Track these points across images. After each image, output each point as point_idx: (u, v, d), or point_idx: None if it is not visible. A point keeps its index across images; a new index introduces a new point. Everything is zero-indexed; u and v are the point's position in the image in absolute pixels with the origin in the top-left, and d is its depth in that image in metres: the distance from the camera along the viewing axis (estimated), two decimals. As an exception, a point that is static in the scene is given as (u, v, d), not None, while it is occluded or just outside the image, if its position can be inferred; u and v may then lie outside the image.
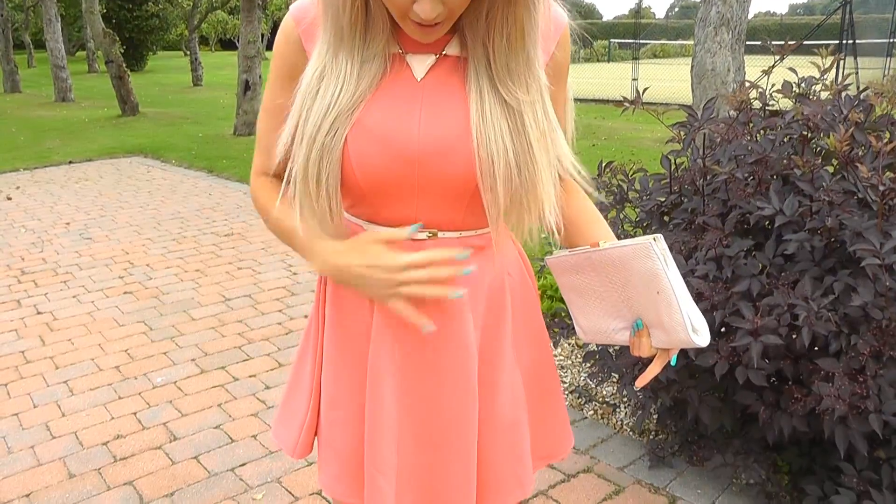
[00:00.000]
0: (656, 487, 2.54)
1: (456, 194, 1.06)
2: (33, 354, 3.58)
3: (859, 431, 1.96)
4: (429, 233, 1.10)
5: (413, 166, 1.04)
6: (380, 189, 1.06)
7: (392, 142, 1.03)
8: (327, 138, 1.02)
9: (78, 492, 2.55)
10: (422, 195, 1.06)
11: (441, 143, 1.03)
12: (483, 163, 1.02)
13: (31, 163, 8.56)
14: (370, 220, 1.12)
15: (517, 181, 1.03)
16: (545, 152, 1.04)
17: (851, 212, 1.94)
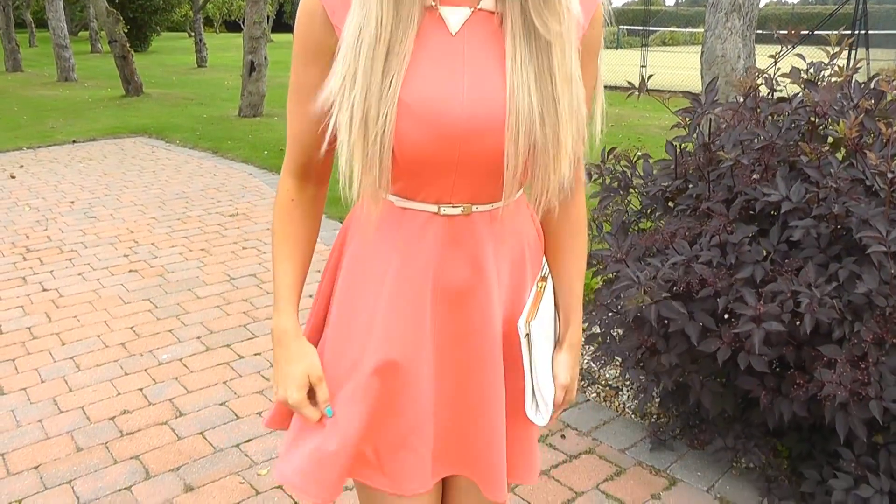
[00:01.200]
0: (657, 469, 2.57)
1: (495, 168, 1.05)
2: (40, 331, 3.61)
3: (859, 417, 1.98)
4: (463, 208, 1.10)
5: (456, 144, 1.03)
6: (419, 167, 1.05)
7: (436, 122, 1.01)
8: (383, 88, 1.00)
9: (85, 465, 2.58)
10: (460, 171, 1.06)
11: (485, 122, 1.02)
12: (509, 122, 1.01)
13: (34, 142, 8.56)
14: (404, 196, 1.11)
15: (539, 133, 1.02)
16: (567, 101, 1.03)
17: (859, 199, 1.95)
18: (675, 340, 2.20)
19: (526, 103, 1.01)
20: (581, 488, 2.47)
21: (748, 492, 2.44)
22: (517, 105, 1.01)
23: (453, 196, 1.09)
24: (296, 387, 1.17)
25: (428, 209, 1.11)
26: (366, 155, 1.02)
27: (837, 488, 2.09)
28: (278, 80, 12.39)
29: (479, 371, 1.19)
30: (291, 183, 1.22)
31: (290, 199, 1.22)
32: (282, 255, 1.22)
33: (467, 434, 1.23)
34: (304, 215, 1.23)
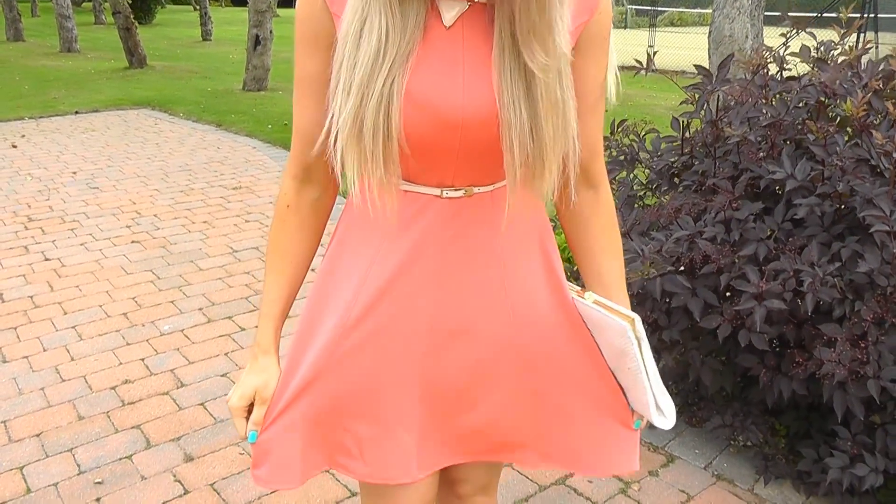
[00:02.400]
0: (655, 446, 2.58)
1: (496, 153, 1.05)
2: (41, 300, 3.62)
3: (857, 396, 1.99)
4: (464, 190, 1.11)
5: (457, 132, 1.03)
6: (422, 154, 1.05)
7: (438, 111, 1.02)
8: (385, 87, 0.99)
9: (87, 433, 2.60)
10: (461, 157, 1.06)
11: (484, 110, 1.02)
12: (503, 124, 1.02)
13: (36, 112, 8.53)
14: (407, 179, 1.10)
15: (530, 146, 1.03)
16: (552, 125, 1.03)
17: (864, 178, 1.94)
18: (676, 316, 2.21)
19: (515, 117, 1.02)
20: (579, 464, 2.49)
21: (745, 469, 2.46)
22: (508, 118, 1.01)
23: (455, 180, 1.09)
24: (239, 394, 1.19)
25: (430, 192, 1.10)
26: (370, 152, 1.02)
27: (833, 466, 2.10)
28: (283, 55, 12.32)
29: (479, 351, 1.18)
30: (290, 186, 1.18)
31: (286, 205, 1.18)
32: (272, 267, 1.20)
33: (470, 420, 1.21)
34: (301, 226, 1.19)
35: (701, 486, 2.39)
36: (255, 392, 1.19)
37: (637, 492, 2.36)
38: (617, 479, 2.41)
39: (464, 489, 1.43)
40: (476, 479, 1.41)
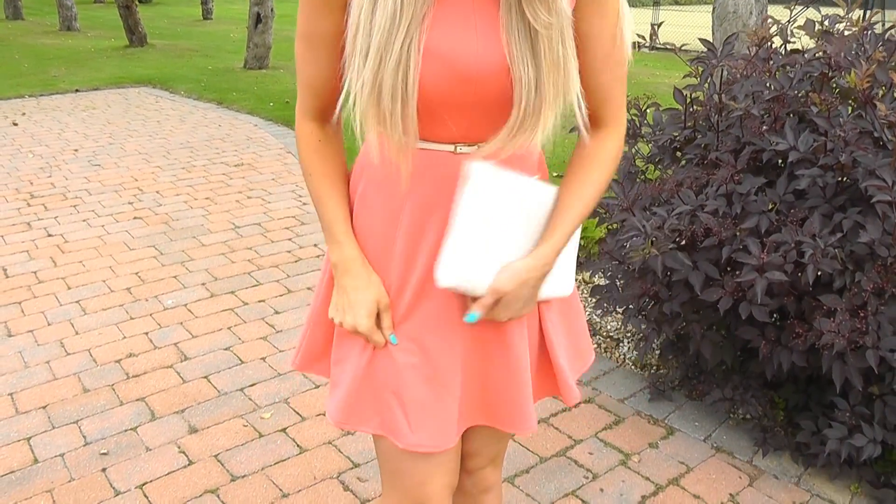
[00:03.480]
0: (655, 419, 2.61)
1: (503, 107, 1.09)
2: (45, 275, 3.64)
3: (856, 367, 2.00)
4: (477, 146, 1.13)
5: (472, 85, 1.06)
6: (436, 108, 1.08)
7: (455, 63, 1.05)
8: (402, 50, 1.02)
9: (92, 405, 2.62)
10: (476, 111, 1.09)
11: (496, 65, 1.05)
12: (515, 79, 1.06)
13: (36, 90, 8.50)
14: (422, 138, 1.12)
15: (533, 100, 1.06)
16: (552, 82, 1.06)
17: (866, 149, 1.94)
18: (677, 289, 2.22)
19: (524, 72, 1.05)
20: (580, 436, 2.51)
21: (744, 442, 2.48)
22: (519, 74, 1.05)
23: (468, 136, 1.12)
24: (366, 313, 1.19)
25: (444, 149, 1.13)
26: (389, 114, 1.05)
27: (832, 437, 2.12)
28: (284, 34, 12.25)
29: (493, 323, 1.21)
30: (313, 126, 1.22)
31: (318, 139, 1.22)
32: (326, 193, 1.23)
33: (488, 381, 1.25)
34: (335, 152, 1.25)
35: (700, 458, 2.41)
36: (377, 304, 1.20)
37: (637, 463, 2.38)
38: (617, 451, 2.43)
39: (474, 462, 1.46)
40: (486, 451, 1.44)
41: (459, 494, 1.50)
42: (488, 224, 1.13)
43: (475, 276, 1.14)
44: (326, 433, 2.49)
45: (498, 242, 1.15)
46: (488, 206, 1.13)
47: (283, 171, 5.39)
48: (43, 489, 2.21)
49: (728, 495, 2.25)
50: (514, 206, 1.15)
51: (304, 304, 3.38)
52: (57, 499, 2.17)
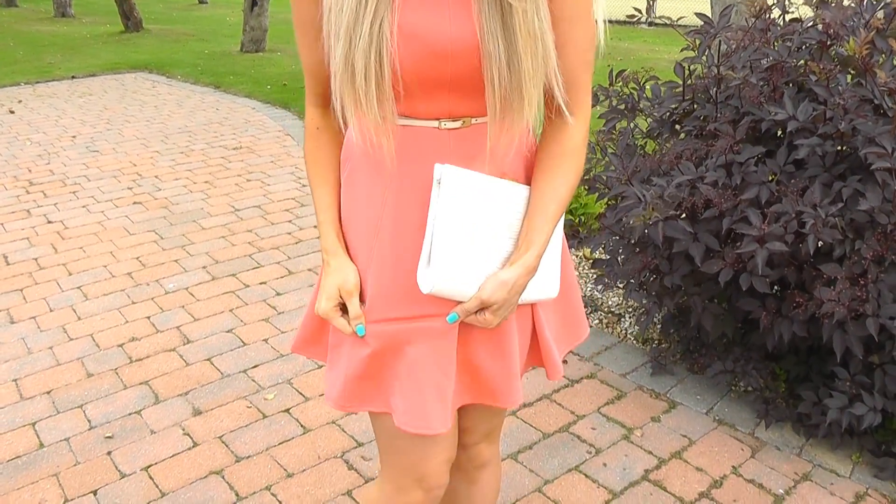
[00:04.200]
0: (657, 393, 2.62)
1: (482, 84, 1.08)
2: (46, 261, 3.64)
3: (856, 336, 2.01)
4: (462, 121, 1.13)
5: (447, 62, 1.06)
6: (413, 86, 1.08)
7: (428, 41, 1.04)
8: (373, 29, 1.02)
9: (96, 390, 2.63)
10: (454, 88, 1.09)
11: (469, 41, 1.05)
12: (484, 56, 1.05)
13: (32, 77, 8.46)
14: (403, 114, 1.12)
15: (507, 77, 1.05)
16: (530, 56, 1.05)
17: (866, 117, 1.93)
18: (678, 262, 2.22)
19: (494, 48, 1.04)
20: (582, 412, 2.52)
21: (746, 414, 2.49)
22: (488, 50, 1.04)
23: (452, 111, 1.12)
24: (325, 296, 1.20)
25: (428, 125, 1.13)
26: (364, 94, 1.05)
27: (832, 407, 2.13)
28: (281, 16, 12.18)
29: None
30: (314, 112, 1.26)
31: (316, 126, 1.25)
32: (317, 180, 1.26)
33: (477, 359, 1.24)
34: (332, 140, 1.26)
35: (702, 431, 2.42)
36: (338, 290, 1.20)
37: (640, 437, 2.39)
38: (620, 426, 2.44)
39: (468, 438, 1.45)
40: (480, 427, 1.44)
41: (456, 470, 1.50)
42: (464, 228, 1.13)
43: (456, 281, 1.14)
44: (330, 413, 2.50)
45: (475, 245, 1.15)
46: (463, 210, 1.12)
47: (282, 154, 5.38)
48: (49, 473, 2.22)
49: (730, 467, 2.26)
50: (488, 207, 1.15)
51: (306, 285, 3.39)
52: (63, 482, 2.19)
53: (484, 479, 1.52)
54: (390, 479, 1.35)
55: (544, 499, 2.13)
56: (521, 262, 1.15)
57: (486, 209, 1.15)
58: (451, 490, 1.53)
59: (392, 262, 1.19)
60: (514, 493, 2.15)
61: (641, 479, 2.22)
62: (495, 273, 1.15)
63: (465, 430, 1.43)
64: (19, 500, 2.12)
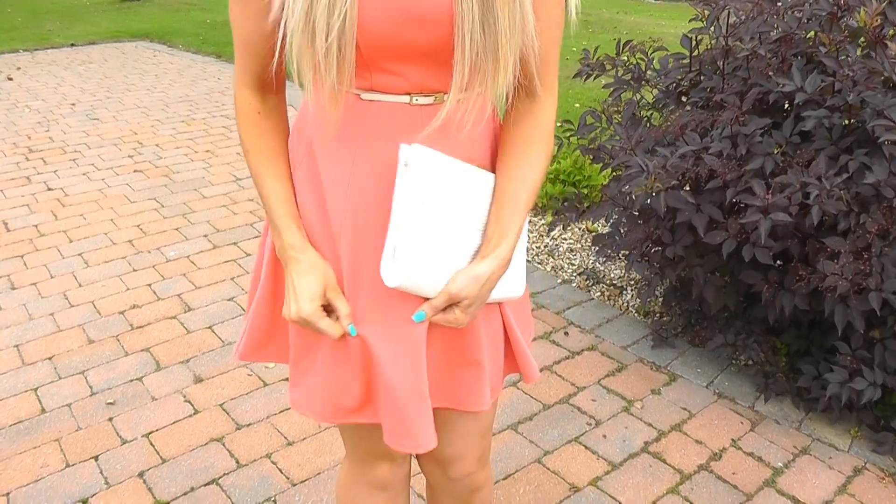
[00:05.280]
0: (657, 366, 2.62)
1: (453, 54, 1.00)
2: (46, 228, 3.63)
3: (858, 310, 2.00)
4: (434, 97, 1.04)
5: (418, 26, 0.98)
6: (381, 53, 0.99)
7: (397, 4, 0.96)
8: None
9: (98, 356, 2.63)
10: (427, 58, 1.01)
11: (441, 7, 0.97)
12: (456, 16, 0.97)
13: (30, 44, 8.38)
14: (369, 88, 1.04)
15: (481, 40, 0.97)
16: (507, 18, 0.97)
17: (875, 89, 1.91)
18: (680, 233, 2.21)
19: (468, 6, 0.96)
20: (583, 383, 2.53)
21: (746, 387, 2.50)
22: (461, 8, 0.96)
23: (424, 86, 1.03)
24: (308, 298, 1.07)
25: (399, 100, 1.04)
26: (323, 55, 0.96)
27: (832, 381, 2.13)
28: (281, -16, 12.03)
29: None
30: (251, 95, 1.12)
31: (257, 112, 1.12)
32: (265, 172, 1.13)
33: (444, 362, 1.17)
34: (274, 126, 1.14)
35: (702, 404, 2.43)
36: (323, 288, 1.09)
37: (640, 410, 2.40)
38: (620, 398, 2.45)
39: (461, 469, 1.35)
40: (471, 453, 1.34)
41: (448, 499, 1.43)
42: (433, 215, 1.04)
43: (424, 274, 1.05)
44: (330, 381, 2.50)
45: (444, 235, 1.06)
46: (431, 195, 1.03)
47: (284, 124, 5.35)
48: (51, 438, 2.23)
49: (730, 440, 2.27)
50: (458, 194, 1.07)
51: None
52: (65, 448, 2.20)
53: (478, 501, 1.43)
54: (355, 460, 1.32)
55: (544, 469, 2.14)
56: (495, 254, 1.07)
57: (456, 196, 1.06)
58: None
59: (352, 254, 1.09)
60: (514, 463, 2.16)
61: (641, 451, 2.23)
62: (468, 266, 1.07)
63: (454, 459, 1.33)
64: (21, 464, 2.13)
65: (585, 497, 2.05)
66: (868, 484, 2.11)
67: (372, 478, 1.32)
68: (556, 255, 3.39)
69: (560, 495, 2.05)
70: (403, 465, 1.35)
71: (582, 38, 2.09)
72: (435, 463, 1.35)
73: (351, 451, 1.33)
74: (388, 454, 1.29)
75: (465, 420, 1.28)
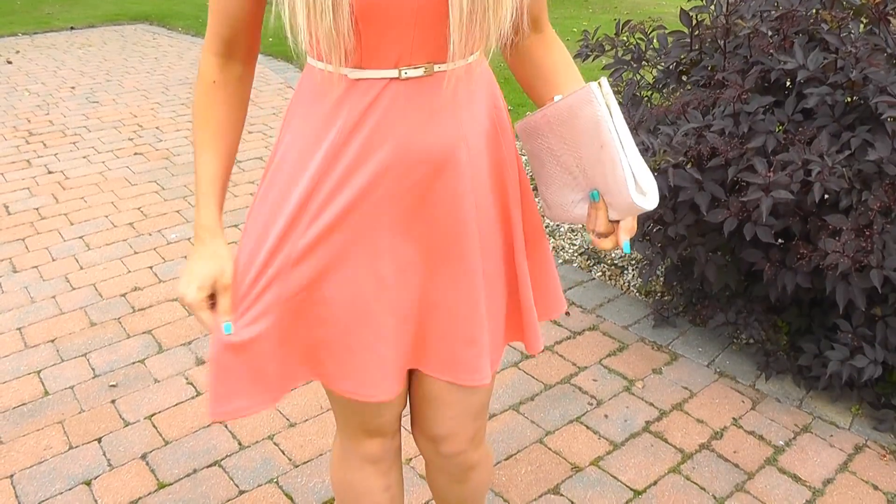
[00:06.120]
0: (659, 345, 2.62)
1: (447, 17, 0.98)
2: (47, 211, 3.63)
3: (859, 288, 2.00)
4: (424, 68, 1.01)
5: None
6: (379, 20, 0.96)
7: None
8: None
9: (100, 338, 2.64)
10: (419, 23, 0.98)
11: None
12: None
13: (29, 28, 8.34)
14: (359, 65, 1.00)
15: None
16: None
17: (879, 65, 1.89)
18: (682, 211, 2.20)
19: None
20: (584, 363, 2.53)
21: (747, 366, 2.50)
22: None
23: (413, 55, 1.00)
24: (197, 286, 1.06)
25: (387, 75, 1.01)
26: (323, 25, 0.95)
27: (833, 359, 2.13)
28: (280, -34, 11.94)
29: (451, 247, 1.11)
30: (214, 62, 1.09)
31: (213, 80, 1.10)
32: (203, 144, 1.10)
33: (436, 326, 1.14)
34: (229, 99, 1.11)
35: (704, 383, 2.43)
36: (214, 281, 1.07)
37: (641, 389, 2.40)
38: (621, 377, 2.45)
39: (451, 447, 1.32)
40: (462, 433, 1.31)
41: (443, 476, 1.42)
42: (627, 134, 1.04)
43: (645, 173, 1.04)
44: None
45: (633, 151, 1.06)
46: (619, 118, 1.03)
47: (284, 106, 5.32)
48: (54, 420, 2.24)
49: (731, 419, 2.27)
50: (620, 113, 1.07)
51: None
52: (68, 430, 2.21)
53: (474, 479, 1.41)
54: (346, 435, 1.31)
55: (545, 449, 2.15)
56: None
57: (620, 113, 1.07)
58: (440, 491, 1.47)
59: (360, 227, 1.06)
60: (516, 444, 2.17)
61: (642, 430, 2.23)
62: None
63: (445, 437, 1.31)
64: (25, 446, 2.14)
65: (587, 477, 2.05)
66: (869, 461, 2.11)
67: (363, 452, 1.32)
68: (557, 235, 3.38)
69: (562, 475, 2.06)
70: (394, 440, 1.34)
71: (581, 19, 2.07)
72: (427, 440, 1.34)
73: (342, 427, 1.32)
74: (379, 430, 1.28)
75: (457, 399, 1.25)
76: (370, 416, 1.24)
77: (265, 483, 2.02)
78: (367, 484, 1.35)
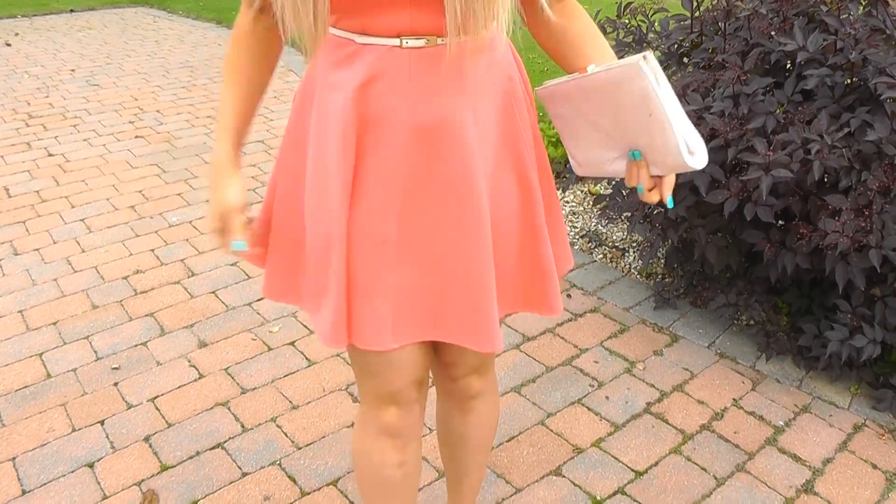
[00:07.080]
0: (660, 327, 2.63)
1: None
2: (48, 194, 3.63)
3: (859, 267, 2.00)
4: (426, 40, 1.02)
5: None
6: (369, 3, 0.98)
7: None
8: None
9: (102, 321, 2.65)
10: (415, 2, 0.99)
11: None
12: None
13: (28, 10, 8.31)
14: (361, 31, 1.03)
15: None
16: None
17: (878, 46, 1.89)
18: (682, 193, 2.20)
19: None
20: (585, 345, 2.54)
21: (747, 347, 2.50)
22: None
23: (413, 26, 1.01)
24: (212, 215, 1.20)
25: (389, 42, 1.03)
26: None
27: (833, 339, 2.14)
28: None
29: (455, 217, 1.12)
30: (247, 13, 1.17)
31: (245, 30, 1.18)
32: (230, 84, 1.19)
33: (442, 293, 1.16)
34: (258, 47, 1.19)
35: (704, 365, 2.44)
36: (223, 211, 1.19)
37: (642, 371, 2.41)
38: (622, 359, 2.46)
39: (456, 371, 1.39)
40: (466, 362, 1.37)
41: (448, 399, 1.46)
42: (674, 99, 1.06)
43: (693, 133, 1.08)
44: (333, 345, 2.52)
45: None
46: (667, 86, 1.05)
47: (285, 89, 5.31)
48: (57, 403, 2.26)
49: (731, 400, 2.28)
50: None
51: (309, 220, 3.38)
52: (70, 412, 2.22)
53: (478, 410, 1.46)
54: (366, 400, 1.34)
55: (547, 431, 2.16)
56: None
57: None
58: (444, 419, 1.50)
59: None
60: (517, 425, 2.18)
61: (643, 411, 2.24)
62: None
63: (450, 363, 1.38)
64: (28, 428, 2.16)
65: (588, 458, 2.07)
66: (868, 441, 2.12)
67: (381, 423, 1.33)
68: (559, 217, 3.38)
69: (563, 456, 2.07)
70: (412, 412, 1.34)
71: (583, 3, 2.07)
72: (438, 363, 1.40)
73: (362, 393, 1.34)
74: (393, 398, 1.30)
75: None
76: (385, 380, 1.27)
77: (268, 465, 2.03)
78: (383, 457, 1.36)
